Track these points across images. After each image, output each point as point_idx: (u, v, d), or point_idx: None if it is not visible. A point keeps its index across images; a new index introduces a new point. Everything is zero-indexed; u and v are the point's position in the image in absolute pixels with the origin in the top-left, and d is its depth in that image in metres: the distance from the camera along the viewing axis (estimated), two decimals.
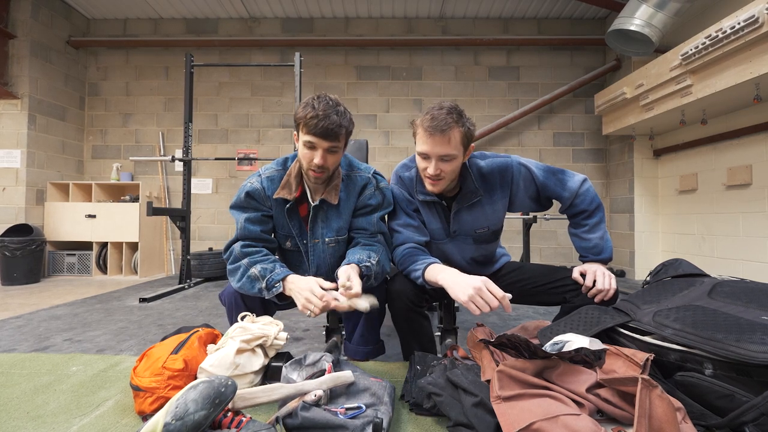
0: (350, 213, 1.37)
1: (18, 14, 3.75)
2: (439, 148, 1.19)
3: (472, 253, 1.45)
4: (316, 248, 1.39)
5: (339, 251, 1.40)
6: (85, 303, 2.68)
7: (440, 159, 1.21)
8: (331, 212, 1.35)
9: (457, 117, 1.20)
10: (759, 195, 2.79)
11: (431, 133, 1.18)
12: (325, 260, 1.40)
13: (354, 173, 1.38)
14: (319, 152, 1.20)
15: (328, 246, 1.38)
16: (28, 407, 1.11)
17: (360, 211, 1.37)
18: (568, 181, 1.34)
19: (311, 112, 1.17)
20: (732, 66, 2.41)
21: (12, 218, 3.71)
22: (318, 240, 1.38)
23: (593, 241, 1.34)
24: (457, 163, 1.23)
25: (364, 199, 1.36)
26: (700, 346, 0.87)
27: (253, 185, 1.33)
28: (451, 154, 1.20)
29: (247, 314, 1.26)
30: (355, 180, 1.37)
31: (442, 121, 1.17)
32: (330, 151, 1.22)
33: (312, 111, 1.17)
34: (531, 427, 0.75)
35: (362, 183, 1.37)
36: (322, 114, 1.16)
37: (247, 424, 0.89)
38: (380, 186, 1.38)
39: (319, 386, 0.98)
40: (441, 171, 1.22)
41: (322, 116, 1.16)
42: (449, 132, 1.18)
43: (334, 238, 1.38)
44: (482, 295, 1.07)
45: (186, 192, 3.45)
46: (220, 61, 4.40)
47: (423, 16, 4.38)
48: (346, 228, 1.38)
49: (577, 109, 4.37)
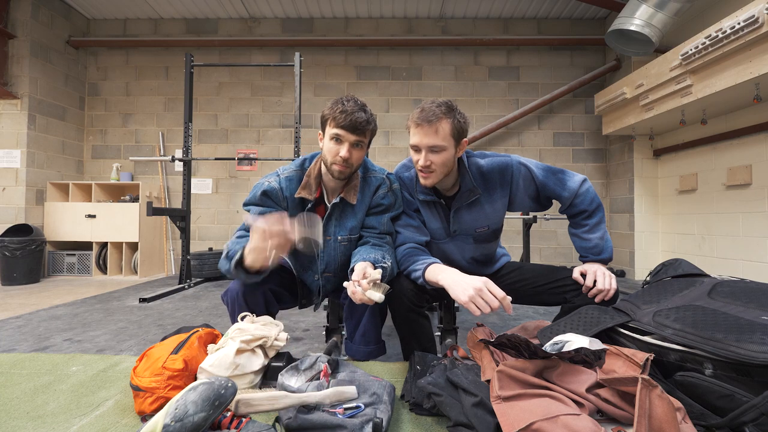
0: (364, 213, 1.40)
1: (18, 14, 3.75)
2: (427, 139, 1.21)
3: (472, 253, 1.45)
4: (328, 245, 1.40)
5: (350, 249, 1.42)
6: (85, 303, 2.68)
7: (430, 150, 1.22)
8: (347, 211, 1.38)
9: (447, 110, 1.22)
10: (759, 195, 2.79)
11: (419, 124, 1.22)
12: (336, 258, 1.42)
13: (369, 174, 1.41)
14: (346, 146, 1.24)
15: (340, 244, 1.40)
16: (28, 407, 1.11)
17: (372, 210, 1.40)
18: (568, 181, 1.34)
19: (340, 107, 1.22)
20: (732, 66, 2.41)
21: (12, 218, 3.71)
22: (330, 237, 1.39)
23: (593, 241, 1.34)
24: (446, 155, 1.24)
25: (377, 198, 1.39)
26: (700, 346, 0.87)
27: (271, 184, 1.33)
28: (440, 144, 1.21)
29: (247, 314, 1.26)
30: (370, 181, 1.40)
31: (431, 113, 1.20)
32: (355, 145, 1.25)
33: (341, 106, 1.22)
34: (531, 427, 0.75)
35: (377, 183, 1.40)
36: (350, 109, 1.22)
37: (246, 425, 0.89)
38: (393, 188, 1.41)
39: (322, 400, 0.97)
40: (431, 163, 1.23)
41: (350, 111, 1.22)
42: (437, 123, 1.20)
43: (347, 236, 1.39)
44: (483, 295, 1.07)
45: (186, 192, 3.45)
46: (220, 61, 4.40)
47: (423, 16, 4.38)
48: (359, 227, 1.41)
49: (577, 109, 4.37)
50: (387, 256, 1.29)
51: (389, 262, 1.28)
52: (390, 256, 1.31)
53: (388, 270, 1.25)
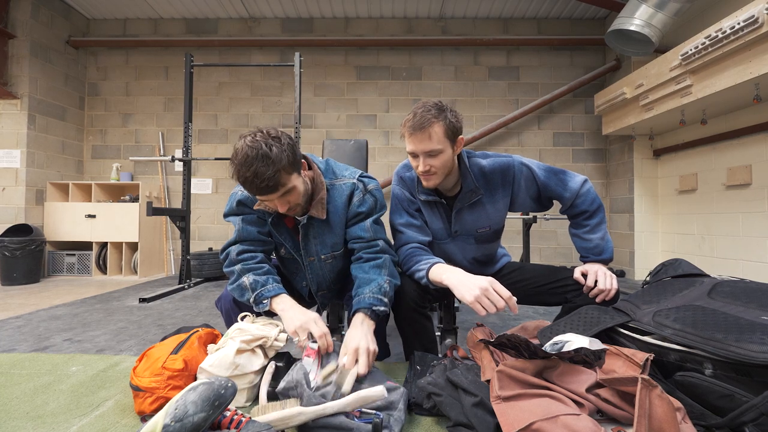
0: (342, 226, 1.32)
1: (18, 14, 3.75)
2: (422, 145, 1.21)
3: (473, 253, 1.45)
4: (313, 266, 1.35)
5: (337, 266, 1.38)
6: (84, 303, 2.68)
7: (426, 155, 1.22)
8: (322, 228, 1.30)
9: (437, 112, 1.20)
10: (759, 195, 2.79)
11: (412, 132, 1.21)
12: (325, 276, 1.38)
13: (338, 182, 1.31)
14: (275, 203, 1.15)
15: (325, 262, 1.35)
16: (28, 407, 1.11)
17: (353, 220, 1.31)
18: (569, 181, 1.34)
19: (239, 173, 1.07)
20: (732, 66, 2.41)
21: (12, 218, 3.71)
22: (314, 258, 1.33)
23: (594, 241, 1.34)
24: (445, 157, 1.23)
25: (354, 207, 1.30)
26: (700, 346, 0.87)
27: (244, 193, 1.27)
28: (436, 149, 1.21)
29: (247, 314, 1.27)
30: (341, 189, 1.30)
31: (422, 118, 1.19)
32: (284, 195, 1.13)
33: (238, 172, 1.07)
34: (531, 427, 0.75)
35: (348, 191, 1.29)
36: (250, 178, 1.06)
37: (246, 425, 0.89)
38: (369, 189, 1.31)
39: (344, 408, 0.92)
40: (431, 167, 1.23)
41: (250, 180, 1.06)
42: (429, 128, 1.19)
43: (330, 254, 1.33)
44: (488, 295, 1.07)
45: (186, 192, 3.45)
46: (220, 61, 4.40)
47: (423, 16, 4.38)
48: (341, 243, 1.34)
49: (577, 109, 4.37)
50: (384, 284, 1.22)
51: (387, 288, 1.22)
52: (389, 276, 1.24)
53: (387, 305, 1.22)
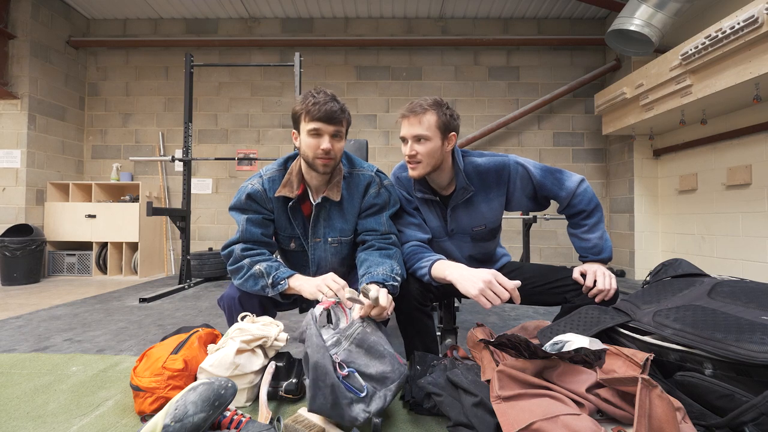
0: (355, 214, 1.36)
1: (18, 14, 3.75)
2: (412, 129, 1.25)
3: (470, 251, 1.46)
4: (317, 247, 1.37)
5: (341, 252, 1.39)
6: (85, 303, 2.68)
7: (414, 140, 1.25)
8: (334, 211, 1.34)
9: (434, 103, 1.25)
10: (759, 195, 2.79)
11: (405, 115, 1.26)
12: (327, 259, 1.39)
13: (356, 171, 1.37)
14: (326, 138, 1.22)
15: (330, 245, 1.37)
16: (28, 407, 1.11)
17: (367, 211, 1.36)
18: (566, 180, 1.34)
19: (312, 100, 1.20)
20: (732, 66, 2.41)
21: (12, 218, 3.71)
22: (320, 239, 1.36)
23: (593, 241, 1.34)
24: (431, 146, 1.25)
25: (370, 198, 1.35)
26: (700, 346, 0.87)
27: (254, 186, 1.32)
28: (424, 134, 1.23)
29: (247, 314, 1.26)
30: (358, 179, 1.36)
31: (417, 105, 1.25)
32: (335, 135, 1.23)
33: (313, 99, 1.21)
34: (531, 427, 0.75)
35: (365, 182, 1.35)
36: (322, 100, 1.20)
37: (246, 425, 0.89)
38: (384, 184, 1.37)
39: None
40: (417, 153, 1.25)
41: (323, 102, 1.20)
42: (421, 114, 1.23)
43: (337, 238, 1.36)
44: (493, 287, 1.08)
45: (186, 192, 3.45)
46: (220, 61, 4.40)
47: (423, 16, 4.38)
48: (350, 230, 1.36)
49: (576, 109, 4.37)
50: (396, 267, 1.24)
51: (398, 273, 1.23)
52: (399, 265, 1.26)
53: (397, 288, 1.22)
